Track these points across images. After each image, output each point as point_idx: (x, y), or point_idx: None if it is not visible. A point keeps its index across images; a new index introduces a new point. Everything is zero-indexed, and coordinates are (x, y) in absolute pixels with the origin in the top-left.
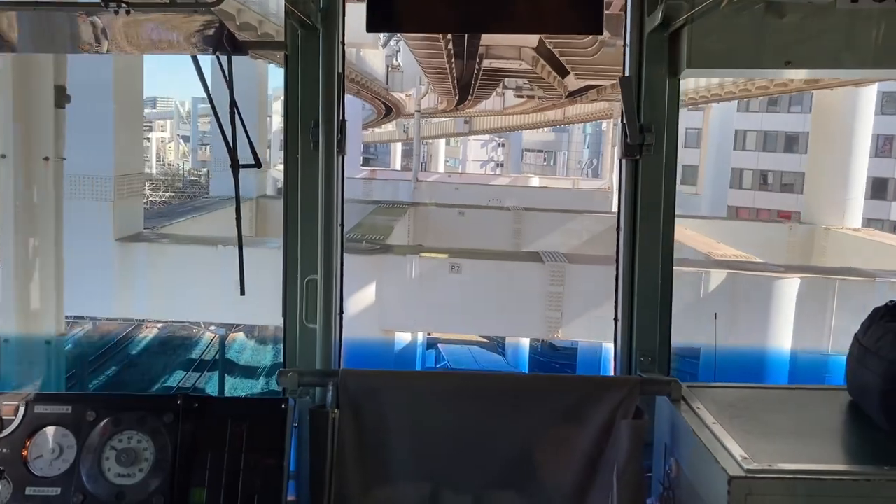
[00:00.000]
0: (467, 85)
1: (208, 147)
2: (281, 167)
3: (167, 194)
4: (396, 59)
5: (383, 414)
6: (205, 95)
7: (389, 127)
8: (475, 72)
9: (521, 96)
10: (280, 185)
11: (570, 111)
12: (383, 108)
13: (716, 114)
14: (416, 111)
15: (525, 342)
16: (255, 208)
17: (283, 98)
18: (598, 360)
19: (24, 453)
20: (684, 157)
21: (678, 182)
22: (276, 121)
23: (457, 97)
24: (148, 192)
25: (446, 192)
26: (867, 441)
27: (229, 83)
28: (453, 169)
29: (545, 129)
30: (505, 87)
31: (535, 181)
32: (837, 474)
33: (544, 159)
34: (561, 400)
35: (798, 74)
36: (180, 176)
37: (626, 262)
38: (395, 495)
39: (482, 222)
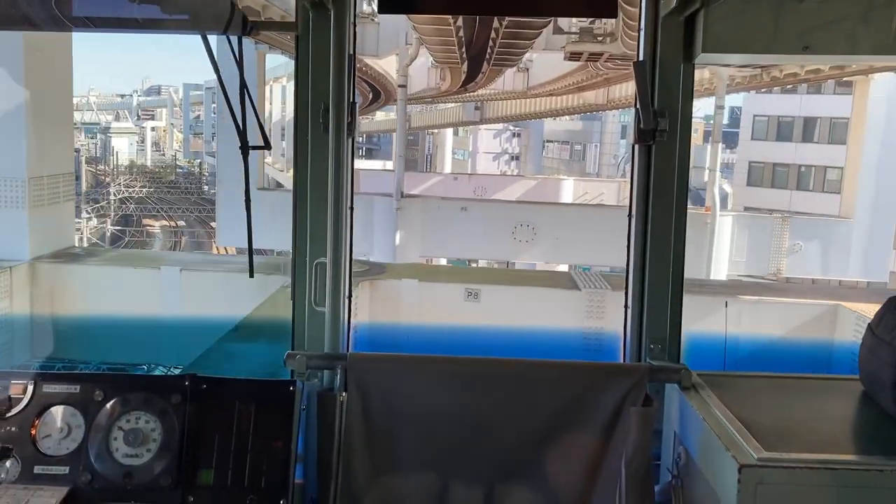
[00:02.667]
0: (482, 51)
1: (201, 136)
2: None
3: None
4: (369, 2)
5: (391, 398)
6: (191, 82)
7: (392, 114)
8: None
9: (577, 55)
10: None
11: (618, 92)
12: (367, 88)
13: (879, 95)
14: (401, 86)
15: None
16: (26, 287)
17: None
18: None
19: (33, 432)
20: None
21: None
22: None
23: (465, 68)
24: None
25: (448, 216)
26: (879, 431)
27: (239, 64)
28: (461, 164)
29: (572, 116)
30: (559, 31)
31: (569, 185)
32: (849, 464)
33: (570, 153)
34: (570, 386)
35: (815, 60)
36: (173, 167)
37: (637, 248)
38: (402, 479)
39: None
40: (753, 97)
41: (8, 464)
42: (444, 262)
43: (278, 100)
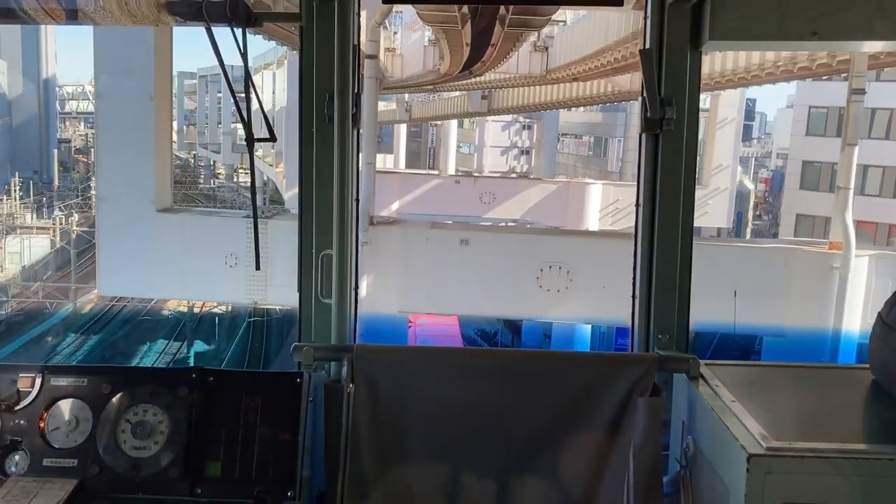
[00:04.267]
0: (490, 23)
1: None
2: None
3: None
4: None
5: (398, 389)
6: (186, 70)
7: (392, 104)
8: None
9: None
10: None
11: None
12: None
13: None
14: (370, 58)
15: None
16: None
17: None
18: None
19: (41, 425)
20: None
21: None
22: None
23: (467, 37)
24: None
25: (441, 252)
26: (889, 420)
27: (244, 55)
28: (467, 159)
29: (592, 107)
30: None
31: (596, 190)
32: (859, 453)
33: (589, 148)
34: (578, 377)
35: (824, 47)
36: None
37: (644, 237)
38: (409, 470)
39: None
40: (810, 85)
41: (17, 456)
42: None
43: (268, 89)
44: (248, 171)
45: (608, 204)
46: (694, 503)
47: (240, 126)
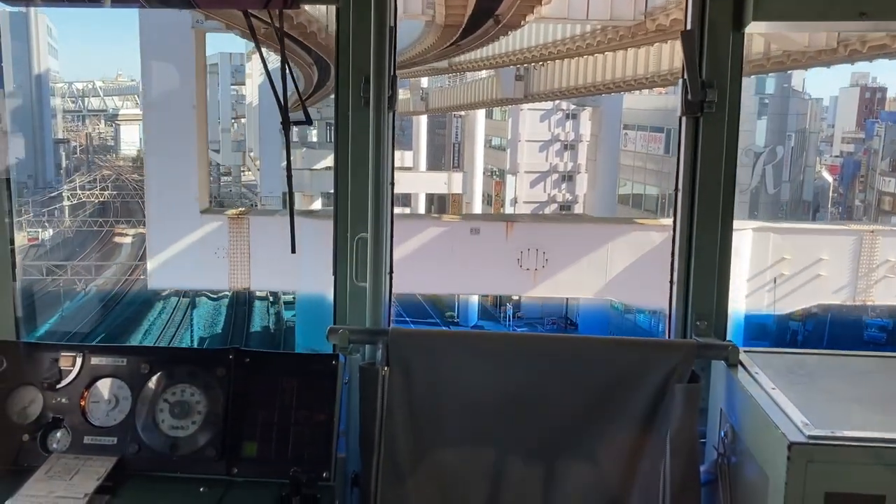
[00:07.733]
0: None
1: None
2: None
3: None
4: None
5: (433, 373)
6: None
7: (406, 92)
8: None
9: None
10: None
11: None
12: (310, 60)
13: None
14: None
15: None
16: None
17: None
18: None
19: (82, 403)
20: None
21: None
22: None
23: None
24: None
25: None
26: None
27: (280, 38)
28: (498, 156)
29: (663, 89)
30: None
31: (745, 239)
32: None
33: (666, 144)
34: (615, 363)
35: (872, 27)
36: None
37: (683, 223)
38: (444, 453)
39: None
40: None
41: (59, 434)
42: None
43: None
44: (250, 171)
45: (766, 265)
46: (732, 491)
47: (242, 121)
